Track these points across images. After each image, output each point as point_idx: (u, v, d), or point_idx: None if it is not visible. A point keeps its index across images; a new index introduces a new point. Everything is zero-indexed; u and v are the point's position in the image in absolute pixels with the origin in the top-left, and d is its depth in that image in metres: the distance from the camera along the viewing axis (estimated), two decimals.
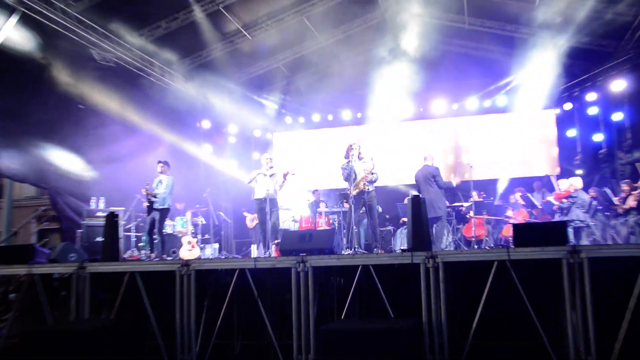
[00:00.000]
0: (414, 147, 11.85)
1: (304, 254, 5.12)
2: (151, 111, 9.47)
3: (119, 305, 5.10)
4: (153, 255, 7.76)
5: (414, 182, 8.59)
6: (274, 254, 6.99)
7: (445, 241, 8.56)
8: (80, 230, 8.60)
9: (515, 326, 4.52)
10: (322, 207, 9.02)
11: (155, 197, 7.70)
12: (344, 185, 7.35)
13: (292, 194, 10.75)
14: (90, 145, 8.69)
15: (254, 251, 9.19)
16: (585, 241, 7.92)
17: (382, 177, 7.80)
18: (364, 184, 7.10)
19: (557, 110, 11.18)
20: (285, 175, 7.59)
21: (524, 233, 4.69)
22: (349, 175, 7.23)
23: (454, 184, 8.23)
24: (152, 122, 9.53)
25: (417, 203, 5.16)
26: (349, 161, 7.24)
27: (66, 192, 8.74)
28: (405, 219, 9.42)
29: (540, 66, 9.77)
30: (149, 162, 9.41)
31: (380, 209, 9.48)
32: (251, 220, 10.93)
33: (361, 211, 7.65)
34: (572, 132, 11.00)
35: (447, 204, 9.49)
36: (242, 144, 12.58)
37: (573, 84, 10.60)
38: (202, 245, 9.64)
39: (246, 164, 12.33)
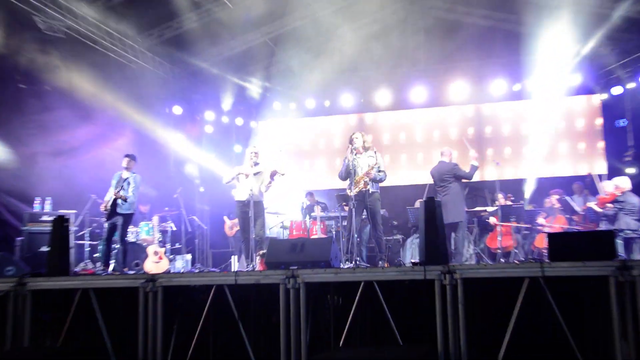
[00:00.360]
0: (428, 140, 11.86)
1: (295, 267, 5.13)
2: (110, 93, 9.41)
3: (68, 329, 5.05)
4: (110, 268, 7.73)
5: (427, 183, 8.61)
6: (258, 267, 6.99)
7: (465, 253, 8.55)
8: (20, 238, 8.50)
9: (550, 358, 4.49)
10: (317, 211, 8.99)
11: (125, 200, 7.75)
12: (345, 185, 7.39)
13: (280, 195, 10.80)
14: (32, 134, 8.58)
15: (235, 264, 9.17)
16: (638, 255, 7.90)
17: (390, 175, 7.80)
18: (365, 182, 7.13)
19: (604, 96, 11.11)
20: (272, 175, 7.65)
21: (562, 244, 4.67)
22: (348, 171, 7.24)
23: (476, 164, 8.15)
24: (111, 106, 9.47)
25: (432, 207, 5.17)
26: (352, 155, 7.28)
27: (2, 191, 8.59)
28: (416, 226, 9.43)
29: (583, 42, 9.75)
30: (107, 156, 9.38)
31: (386, 214, 9.49)
32: (230, 227, 10.89)
33: (364, 216, 7.65)
34: (622, 122, 10.91)
35: (467, 208, 9.53)
36: (221, 134, 12.57)
37: (624, 63, 10.41)
38: (171, 257, 9.62)
39: (226, 158, 12.33)
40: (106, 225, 7.84)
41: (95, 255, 9.03)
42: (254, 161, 7.86)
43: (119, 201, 7.77)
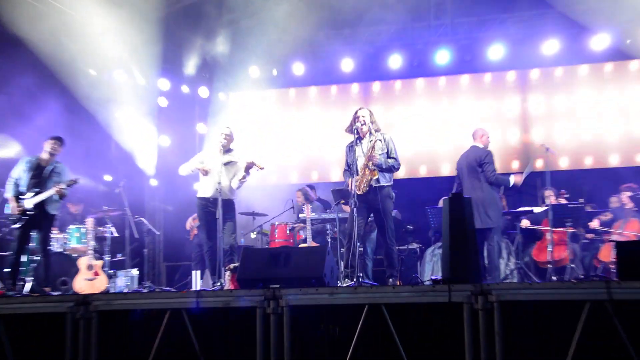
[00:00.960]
0: (454, 118, 11.88)
1: (277, 285, 5.18)
2: (17, 48, 9.34)
3: None
4: (27, 288, 7.78)
5: (453, 175, 8.61)
6: (228, 286, 7.00)
7: (504, 268, 8.57)
8: None
9: None
10: (307, 211, 9.03)
11: (62, 197, 7.96)
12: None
13: (257, 188, 10.87)
14: None
15: (197, 281, 9.17)
16: None
17: (404, 165, 7.83)
18: (370, 170, 7.22)
19: None
20: (248, 168, 7.78)
21: (636, 257, 4.69)
22: (351, 161, 7.31)
23: (512, 182, 8.30)
24: (22, 71, 9.48)
25: (459, 206, 5.22)
26: (356, 139, 7.34)
27: None
28: (439, 232, 9.44)
29: None
30: (17, 136, 9.38)
31: (398, 216, 9.51)
32: (190, 229, 10.92)
33: (369, 218, 7.65)
34: None
35: (506, 208, 9.53)
36: (180, 109, 12.54)
37: None
38: (111, 272, 9.62)
39: (187, 140, 12.29)
40: (18, 231, 7.86)
41: (5, 270, 9.00)
42: (225, 147, 7.91)
43: (53, 197, 7.86)
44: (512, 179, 8.35)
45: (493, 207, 8.03)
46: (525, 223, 9.35)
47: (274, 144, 12.56)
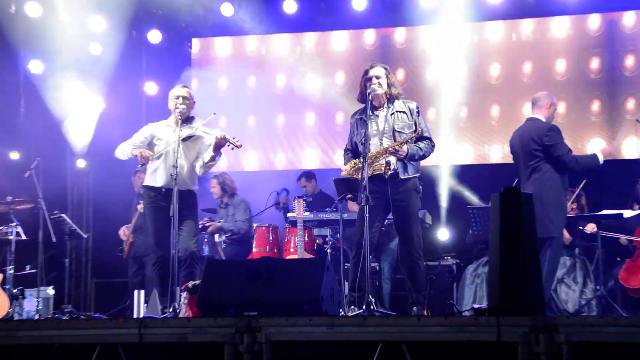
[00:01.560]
0: (510, 78, 11.91)
1: (255, 313, 5.18)
2: None
3: None
4: None
5: (508, 162, 8.60)
6: (185, 312, 7.04)
7: (577, 296, 8.58)
8: None
9: None
10: (299, 209, 9.06)
11: None
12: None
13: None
14: None
15: (139, 304, 9.15)
16: None
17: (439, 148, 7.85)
18: (387, 162, 7.23)
19: None
20: (219, 146, 7.74)
21: None
22: (360, 140, 7.31)
23: (601, 160, 8.22)
24: None
25: (515, 205, 5.22)
26: (365, 108, 7.34)
27: None
28: (485, 242, 9.30)
29: None
30: None
31: (426, 219, 9.51)
32: (125, 232, 10.90)
33: (386, 221, 7.65)
34: None
35: (576, 211, 9.54)
36: (121, 60, 12.50)
37: None
38: (16, 291, 9.60)
39: (130, 105, 12.29)
40: None
41: None
42: (184, 114, 7.86)
43: None
44: (601, 156, 8.18)
45: (557, 208, 7.90)
46: (591, 227, 9.33)
47: (256, 114, 12.66)
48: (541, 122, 8.14)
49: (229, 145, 7.74)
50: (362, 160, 7.09)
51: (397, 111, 7.42)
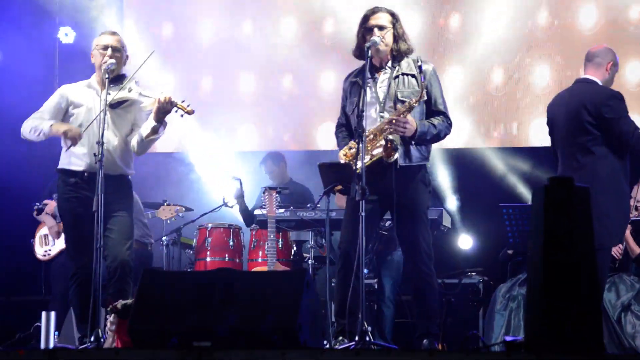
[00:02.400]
0: (556, 32, 12.04)
1: (207, 343, 5.23)
2: None
3: None
4: None
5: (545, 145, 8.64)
6: (112, 342, 7.01)
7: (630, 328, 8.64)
8: None
9: None
10: (270, 205, 9.10)
11: None
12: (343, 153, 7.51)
13: (174, 157, 11.16)
14: None
15: (49, 330, 9.16)
16: None
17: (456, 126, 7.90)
18: (388, 141, 7.20)
19: None
20: (163, 112, 7.60)
21: None
22: (352, 111, 7.37)
23: None
24: None
25: (566, 203, 5.20)
26: (363, 69, 7.32)
27: None
28: (522, 254, 9.56)
29: None
30: None
31: (441, 219, 9.53)
32: (43, 240, 10.93)
33: (387, 224, 7.67)
34: None
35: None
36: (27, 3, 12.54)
37: None
38: None
39: (38, 59, 12.29)
40: None
41: None
42: (112, 72, 7.76)
43: None
44: None
45: (615, 207, 7.73)
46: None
47: (212, 74, 12.76)
48: (598, 86, 7.86)
49: (177, 111, 7.58)
50: (357, 140, 6.98)
51: (403, 74, 7.38)
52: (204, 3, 12.83)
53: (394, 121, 7.12)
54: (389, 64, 7.46)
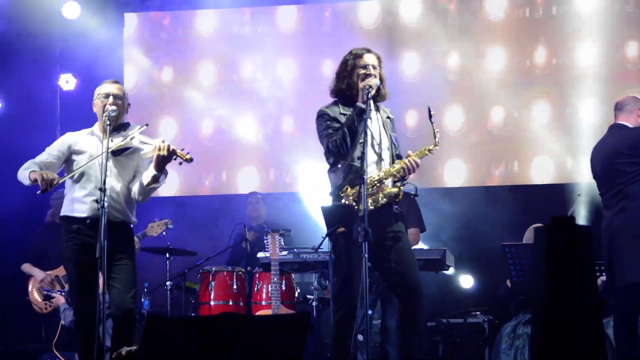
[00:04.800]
0: (564, 65, 12.05)
1: None
2: None
3: None
4: None
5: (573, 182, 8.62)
6: None
7: None
8: None
9: None
10: (273, 247, 9.08)
11: None
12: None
13: (174, 202, 11.09)
14: None
15: None
16: None
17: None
18: (395, 189, 7.17)
19: None
20: (163, 160, 7.50)
21: None
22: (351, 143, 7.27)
23: None
24: None
25: (568, 242, 5.14)
26: (366, 107, 7.19)
27: None
28: (525, 294, 9.52)
29: None
30: None
31: (450, 261, 9.52)
32: (40, 288, 10.90)
33: (392, 263, 7.71)
34: None
35: None
36: (25, 45, 12.54)
37: None
38: None
39: (37, 106, 12.29)
40: None
41: None
42: (115, 121, 7.70)
43: None
44: None
45: None
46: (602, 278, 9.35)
47: (211, 117, 12.80)
48: (630, 129, 8.16)
49: (175, 159, 7.55)
50: (359, 182, 6.90)
51: (387, 117, 7.44)
52: (203, 46, 12.90)
53: (413, 162, 7.13)
54: (372, 105, 7.36)
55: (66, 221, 7.77)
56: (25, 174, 7.63)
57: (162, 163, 7.53)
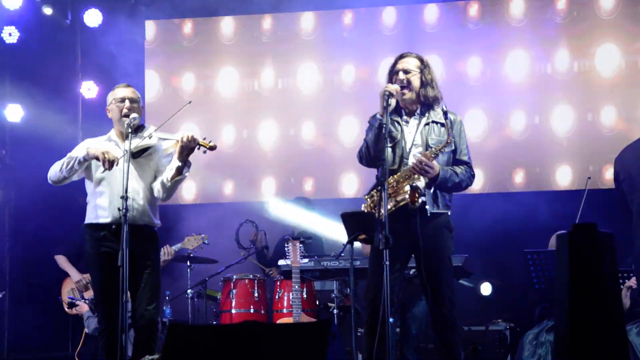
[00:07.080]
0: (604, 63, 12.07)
1: None
2: None
3: None
4: None
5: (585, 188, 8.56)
6: None
7: None
8: None
9: None
10: (294, 255, 9.06)
11: None
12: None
13: (194, 207, 11.06)
14: None
15: None
16: None
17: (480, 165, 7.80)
18: (412, 186, 7.10)
19: None
20: (186, 150, 7.48)
21: None
22: (380, 149, 7.18)
23: None
24: None
25: (590, 249, 5.14)
26: (387, 112, 7.16)
27: None
28: (547, 302, 9.48)
29: None
30: None
31: (466, 267, 9.48)
32: (72, 293, 10.91)
33: (411, 271, 7.60)
34: None
35: None
36: (46, 50, 12.57)
37: None
38: None
39: (60, 112, 12.33)
40: None
41: None
42: (132, 124, 7.69)
43: None
44: None
45: None
46: (632, 282, 9.28)
47: (232, 124, 12.80)
48: None
49: (199, 149, 7.52)
50: (379, 188, 6.93)
51: (433, 121, 7.32)
52: (224, 53, 12.93)
53: (420, 162, 7.08)
54: (418, 110, 7.40)
55: (91, 228, 7.75)
56: (73, 157, 7.63)
57: (186, 154, 7.51)
